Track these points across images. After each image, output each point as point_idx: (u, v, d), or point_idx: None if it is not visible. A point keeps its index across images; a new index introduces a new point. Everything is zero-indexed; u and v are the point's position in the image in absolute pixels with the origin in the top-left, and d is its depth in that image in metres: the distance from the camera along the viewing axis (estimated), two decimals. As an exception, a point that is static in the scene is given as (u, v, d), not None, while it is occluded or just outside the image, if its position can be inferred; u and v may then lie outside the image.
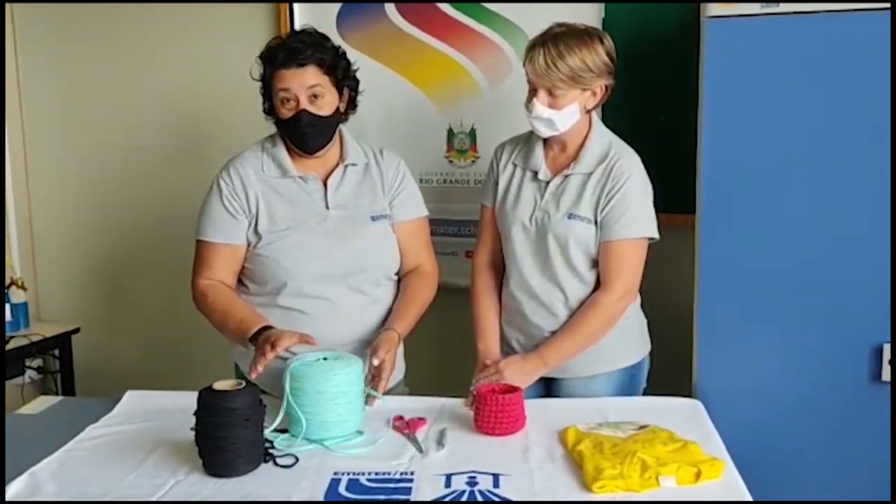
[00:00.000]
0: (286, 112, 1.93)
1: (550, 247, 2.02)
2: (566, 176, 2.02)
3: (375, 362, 1.87)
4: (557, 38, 1.92)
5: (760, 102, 2.06)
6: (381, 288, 2.05)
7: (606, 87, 2.00)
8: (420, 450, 1.72)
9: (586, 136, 2.03)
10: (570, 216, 2.00)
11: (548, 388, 2.13)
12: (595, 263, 2.03)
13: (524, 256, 2.06)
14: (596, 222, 1.99)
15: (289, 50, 1.92)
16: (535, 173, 2.06)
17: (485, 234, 2.19)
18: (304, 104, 1.92)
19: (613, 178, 1.98)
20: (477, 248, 2.21)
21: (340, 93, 1.99)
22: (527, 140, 2.12)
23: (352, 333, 1.98)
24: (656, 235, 2.03)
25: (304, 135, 1.95)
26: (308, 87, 1.92)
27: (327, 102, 1.95)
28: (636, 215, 1.99)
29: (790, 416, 2.14)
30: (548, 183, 2.04)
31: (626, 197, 1.97)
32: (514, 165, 2.11)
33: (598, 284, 2.04)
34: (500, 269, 2.18)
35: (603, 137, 2.04)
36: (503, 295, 2.15)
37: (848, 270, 2.06)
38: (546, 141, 2.06)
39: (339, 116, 2.01)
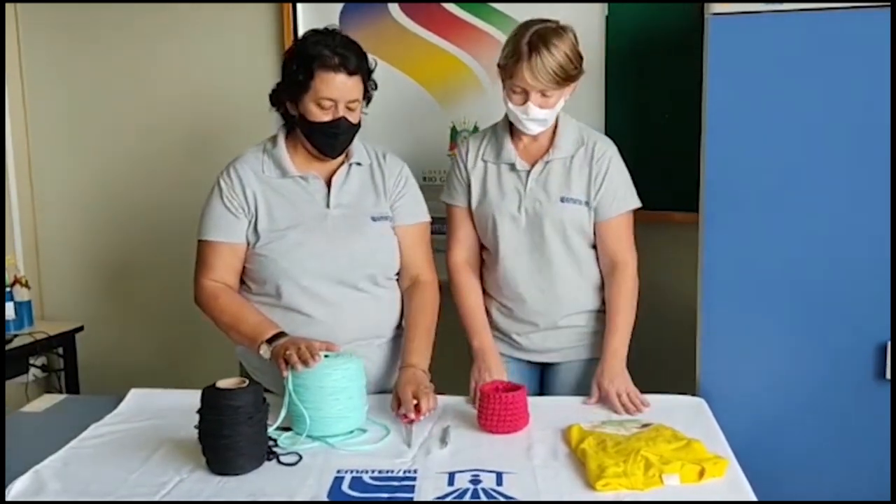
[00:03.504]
0: (322, 116, 1.91)
1: (547, 232, 2.05)
2: (547, 162, 2.06)
3: (412, 411, 1.81)
4: (545, 39, 1.92)
5: (764, 100, 2.05)
6: (381, 287, 2.04)
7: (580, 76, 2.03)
8: (408, 444, 1.73)
9: (556, 124, 2.07)
10: (563, 199, 2.04)
11: (542, 374, 2.18)
12: (590, 243, 2.08)
13: (517, 248, 2.08)
14: (587, 203, 2.05)
15: (340, 56, 1.89)
16: (512, 165, 2.08)
17: (460, 232, 2.18)
18: (343, 111, 1.92)
19: (598, 161, 2.05)
20: (452, 247, 2.19)
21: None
22: (492, 135, 2.14)
23: (352, 332, 1.97)
24: (640, 203, 2.11)
25: (336, 140, 1.95)
26: (351, 99, 1.92)
27: (359, 112, 1.97)
28: (626, 190, 2.09)
29: (794, 413, 2.13)
30: (528, 172, 2.06)
31: (615, 176, 2.07)
32: (485, 161, 2.12)
33: (591, 264, 2.10)
34: (476, 267, 2.20)
35: (572, 122, 2.11)
36: (496, 293, 2.16)
37: (852, 268, 2.06)
38: (513, 133, 2.09)
39: (360, 123, 2.01)
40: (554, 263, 2.07)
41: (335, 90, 1.90)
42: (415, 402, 1.82)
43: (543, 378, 2.20)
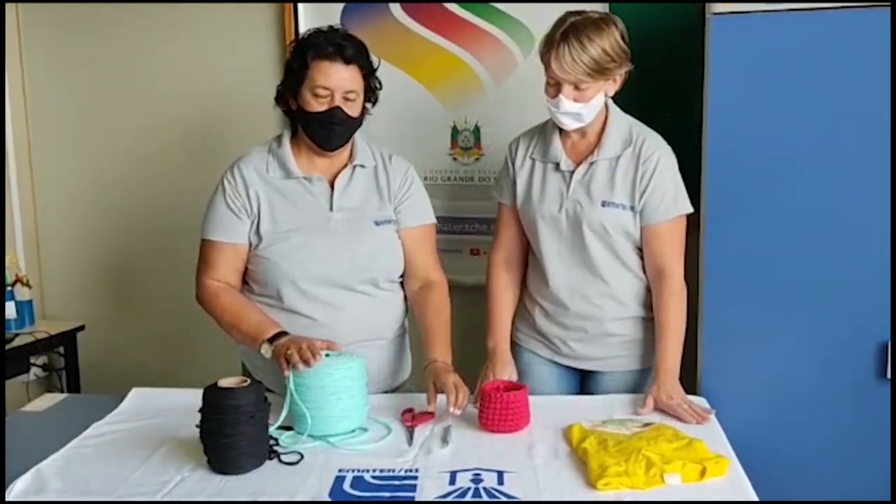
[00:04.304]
0: (318, 105, 1.91)
1: (587, 236, 1.99)
2: (592, 163, 1.99)
3: (457, 401, 1.81)
4: (578, 31, 1.87)
5: (765, 100, 2.06)
6: (384, 291, 2.04)
7: (627, 72, 1.97)
8: (409, 442, 1.73)
9: (605, 121, 2.01)
10: (604, 204, 1.97)
11: (582, 380, 2.12)
12: (636, 248, 2.01)
13: (559, 251, 2.03)
14: (632, 208, 1.97)
15: (336, 45, 1.89)
16: (557, 164, 2.03)
17: (503, 232, 2.15)
18: (339, 101, 1.91)
19: (645, 162, 1.96)
20: (494, 245, 2.18)
21: (364, 101, 1.99)
22: (541, 132, 2.09)
23: (353, 333, 1.96)
24: (692, 209, 2.02)
25: (331, 131, 1.93)
26: (348, 89, 1.91)
27: (358, 106, 1.95)
28: (676, 193, 1.99)
29: (795, 413, 2.14)
30: (572, 172, 2.01)
31: (664, 178, 1.97)
32: (533, 160, 2.08)
33: (640, 269, 2.03)
34: (516, 267, 2.16)
35: (623, 120, 2.03)
36: (539, 295, 2.11)
37: (853, 268, 2.06)
38: (562, 130, 2.02)
39: (361, 120, 2.00)
40: (598, 267, 2.00)
41: (330, 78, 1.89)
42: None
43: (584, 384, 2.14)
